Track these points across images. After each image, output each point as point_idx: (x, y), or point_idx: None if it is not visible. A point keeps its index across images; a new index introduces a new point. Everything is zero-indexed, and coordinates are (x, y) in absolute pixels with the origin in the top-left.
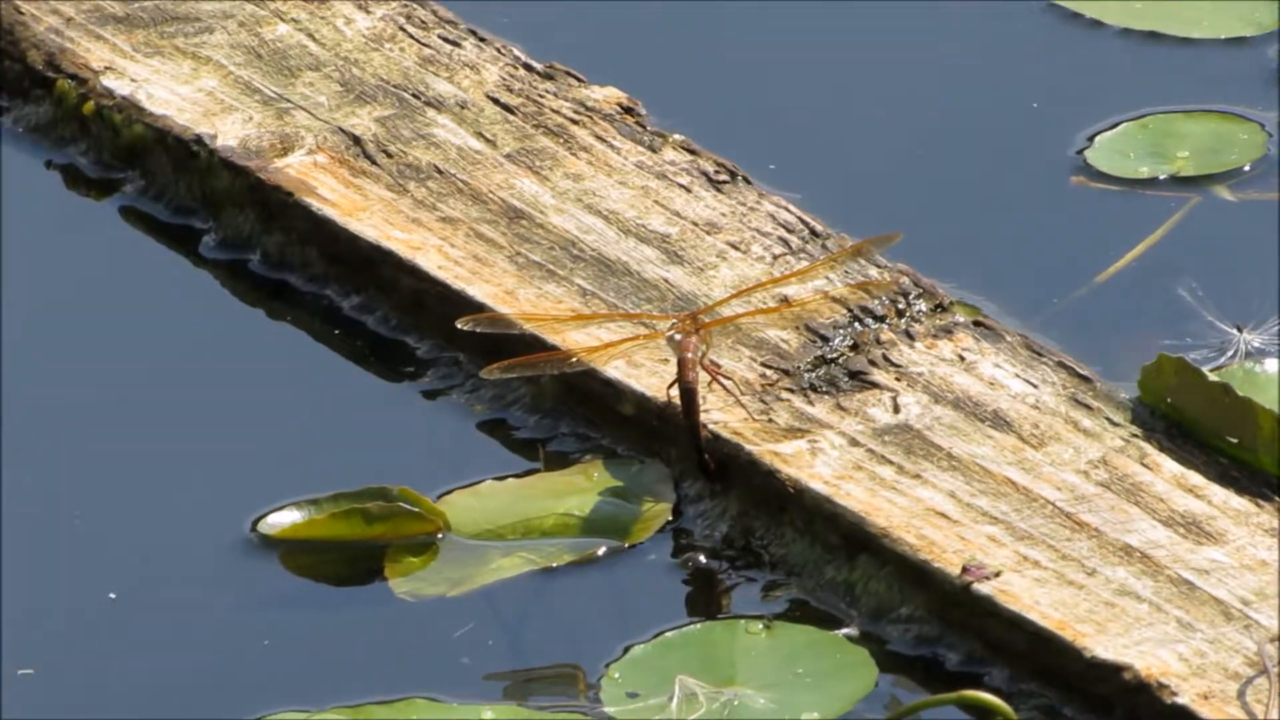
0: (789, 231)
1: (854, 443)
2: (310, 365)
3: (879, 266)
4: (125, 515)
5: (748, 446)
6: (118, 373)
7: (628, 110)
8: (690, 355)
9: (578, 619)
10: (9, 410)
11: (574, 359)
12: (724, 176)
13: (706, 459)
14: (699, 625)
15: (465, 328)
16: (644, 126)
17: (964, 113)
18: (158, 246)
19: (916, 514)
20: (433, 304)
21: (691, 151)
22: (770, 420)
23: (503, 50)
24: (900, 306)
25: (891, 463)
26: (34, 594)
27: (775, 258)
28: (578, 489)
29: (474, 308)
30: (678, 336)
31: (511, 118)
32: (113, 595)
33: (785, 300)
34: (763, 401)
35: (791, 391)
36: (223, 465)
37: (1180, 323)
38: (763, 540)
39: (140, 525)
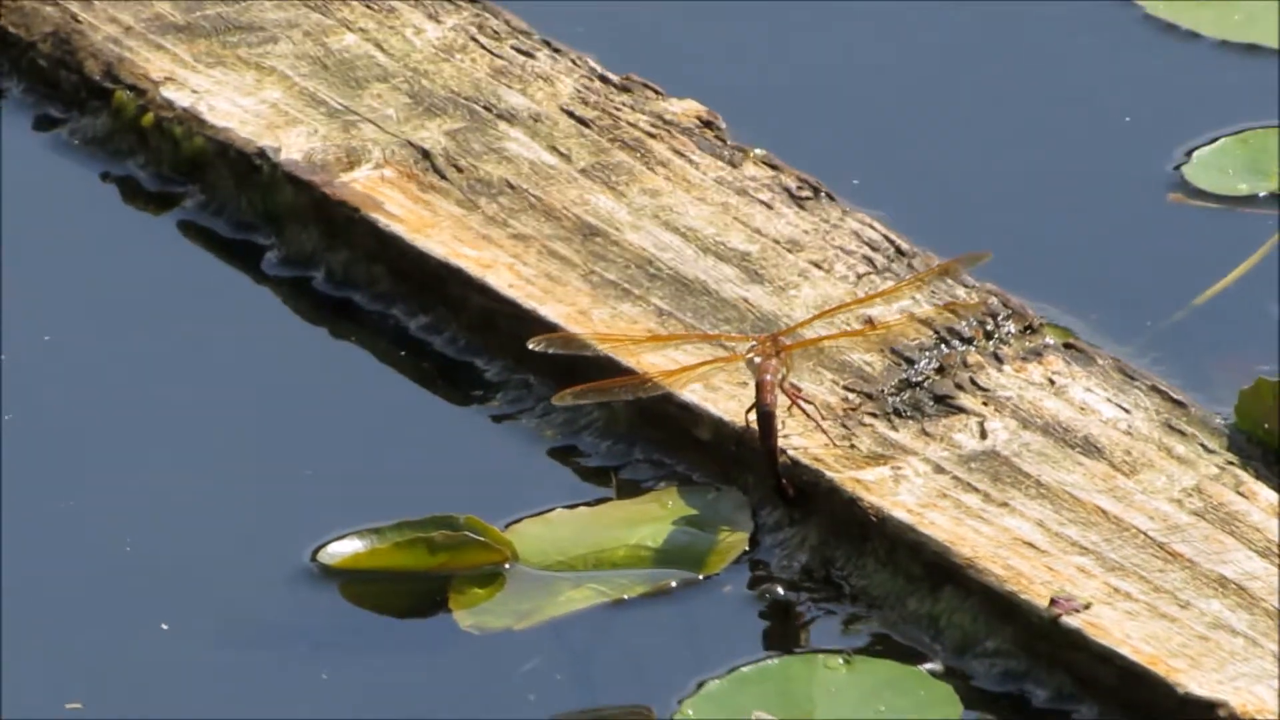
0: (874, 250)
1: (939, 469)
2: (375, 387)
3: (967, 286)
4: (180, 543)
5: (828, 473)
6: (176, 394)
7: (707, 124)
8: (769, 378)
9: (649, 653)
10: (65, 434)
11: (649, 383)
12: (806, 192)
13: (784, 484)
14: (775, 660)
15: (537, 348)
16: (724, 141)
17: (1056, 126)
18: (218, 263)
19: (1003, 544)
20: (503, 324)
21: (773, 167)
22: (852, 446)
23: (578, 62)
24: (988, 328)
25: (978, 490)
26: (83, 625)
27: (859, 277)
28: (651, 518)
29: (546, 328)
30: (757, 359)
31: (586, 131)
32: (165, 626)
33: (869, 322)
34: (844, 427)
35: (875, 416)
36: (282, 492)
37: None
38: (843, 571)
39: (196, 554)
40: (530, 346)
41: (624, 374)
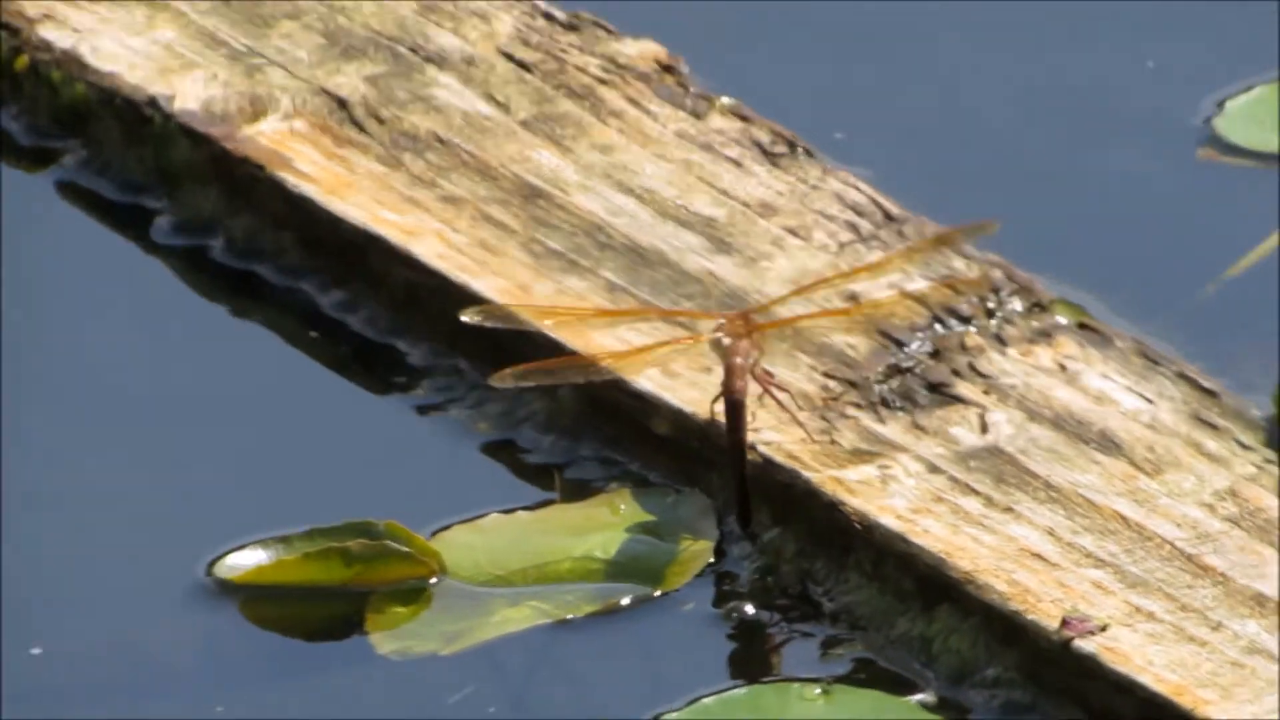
0: (859, 215)
1: (933, 469)
2: (282, 373)
3: (966, 259)
4: (55, 552)
5: (805, 473)
6: (51, 381)
7: (667, 69)
8: (739, 361)
9: (598, 682)
10: None
11: (599, 365)
12: (781, 148)
13: (747, 493)
14: (744, 690)
15: (471, 320)
16: (686, 88)
17: (1068, 75)
18: (102, 229)
19: (1008, 555)
20: (430, 300)
21: (743, 118)
22: (833, 442)
23: None
24: (991, 306)
25: (978, 493)
26: None
27: (842, 247)
28: (601, 524)
29: (480, 304)
30: (725, 340)
31: (528, 77)
32: (36, 650)
33: (854, 299)
34: (824, 419)
35: (859, 407)
36: (175, 494)
37: None
38: (822, 586)
39: (73, 564)
40: (463, 318)
41: (570, 356)
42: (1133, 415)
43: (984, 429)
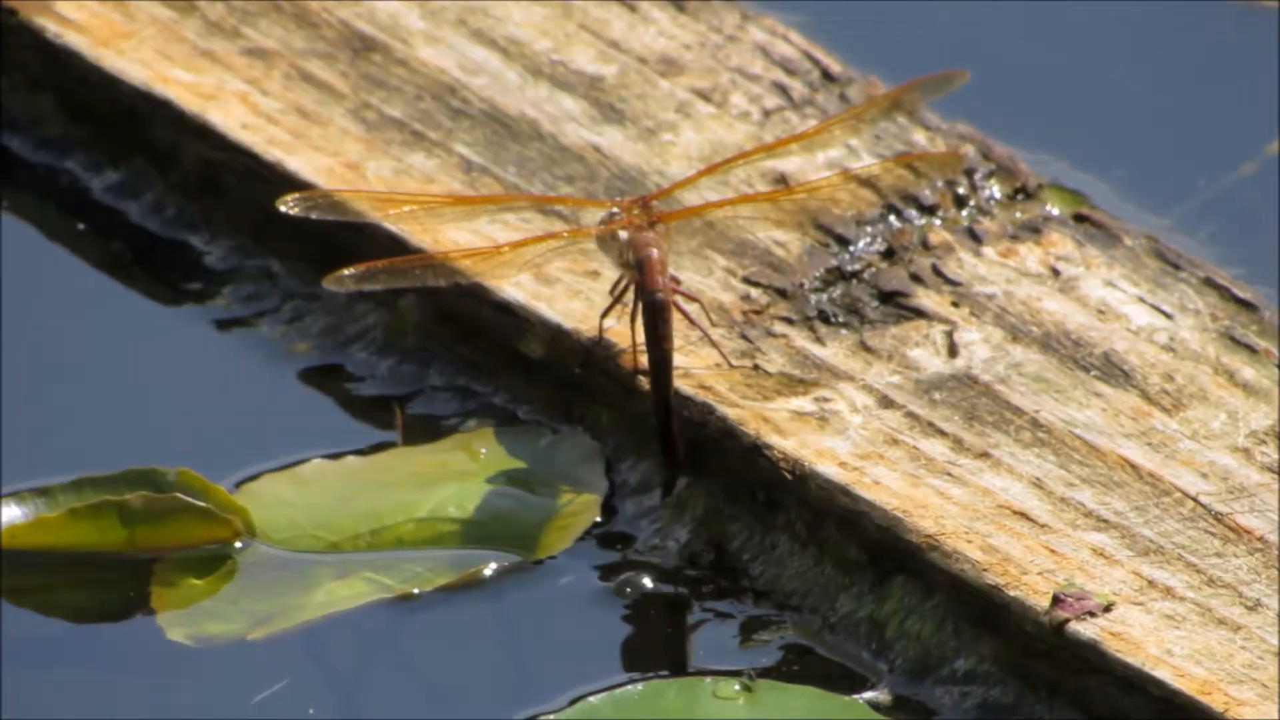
0: (789, 73)
1: (886, 403)
2: (40, 277)
3: (929, 130)
4: None
5: (721, 409)
6: None
7: None
8: (655, 254)
9: (453, 677)
10: None
11: (453, 267)
12: None
13: (677, 434)
14: (640, 685)
15: (289, 210)
16: None
17: None
18: None
19: (983, 514)
20: (233, 184)
21: None
22: (756, 367)
23: None
24: (961, 192)
25: (944, 434)
26: None
27: (767, 114)
28: (455, 473)
29: (297, 188)
30: (622, 234)
31: None
32: None
33: (783, 181)
34: (745, 338)
35: (790, 323)
36: None
37: None
38: (743, 554)
39: None
40: (279, 207)
41: (416, 256)
42: (1146, 334)
43: (952, 351)
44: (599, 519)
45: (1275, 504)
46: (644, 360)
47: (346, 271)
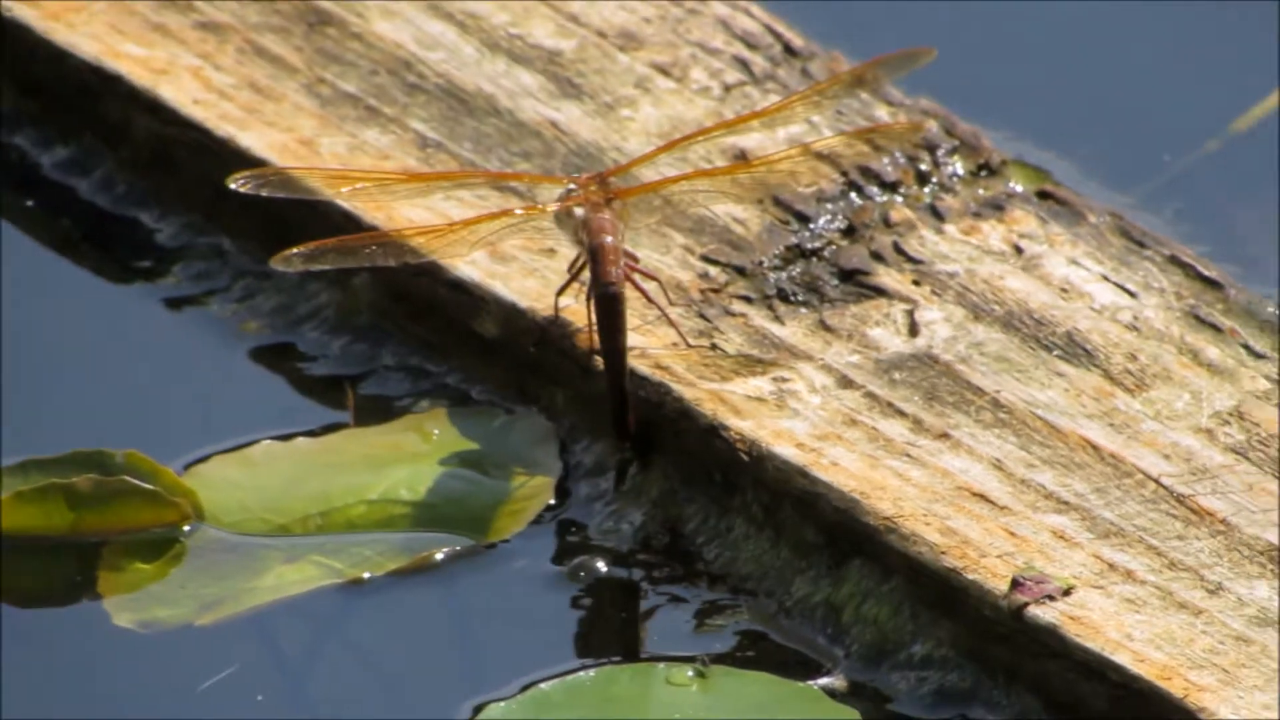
0: (750, 48)
1: (845, 383)
2: None
3: (891, 105)
4: None
5: (677, 388)
6: None
7: None
8: (610, 240)
9: (404, 662)
10: None
11: (408, 245)
12: None
13: (629, 413)
14: (593, 672)
15: (240, 188)
16: None
17: None
18: None
19: (942, 495)
20: (184, 160)
21: None
22: (714, 347)
23: None
24: (924, 168)
25: (904, 414)
26: None
27: (727, 89)
28: (407, 455)
29: (249, 165)
30: (579, 211)
31: None
32: None
33: (742, 157)
34: (703, 317)
35: (749, 302)
36: None
37: None
38: (698, 537)
39: None
40: (230, 186)
41: (370, 234)
42: (1109, 313)
43: (913, 330)
44: (553, 502)
45: (1238, 486)
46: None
47: (295, 250)
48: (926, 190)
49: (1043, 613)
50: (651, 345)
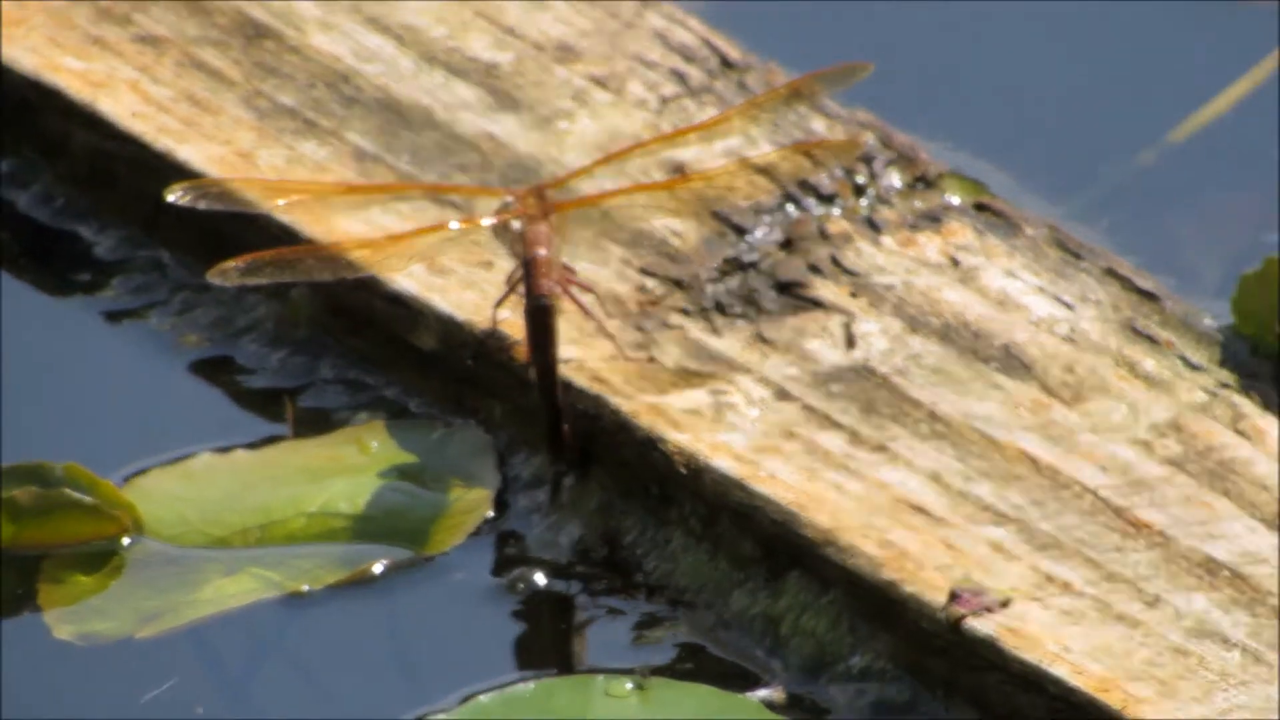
0: (687, 60)
1: (783, 395)
2: None
3: (828, 118)
4: None
5: (614, 400)
6: None
7: None
8: (544, 252)
9: (343, 674)
10: None
11: (345, 258)
12: None
13: (567, 428)
14: (532, 684)
15: (178, 201)
16: None
17: None
18: None
19: (880, 508)
20: (123, 173)
21: None
22: (651, 359)
23: None
24: (860, 181)
25: (841, 427)
26: None
27: (665, 102)
28: (346, 467)
29: (187, 178)
30: (516, 224)
31: None
32: None
33: (680, 170)
34: (640, 329)
35: (686, 314)
36: None
37: None
38: (636, 550)
39: None
40: (169, 199)
41: (307, 246)
42: (1046, 325)
43: (850, 343)
44: (491, 514)
45: (1176, 498)
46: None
47: (231, 264)
48: (863, 202)
49: (981, 625)
50: (589, 358)
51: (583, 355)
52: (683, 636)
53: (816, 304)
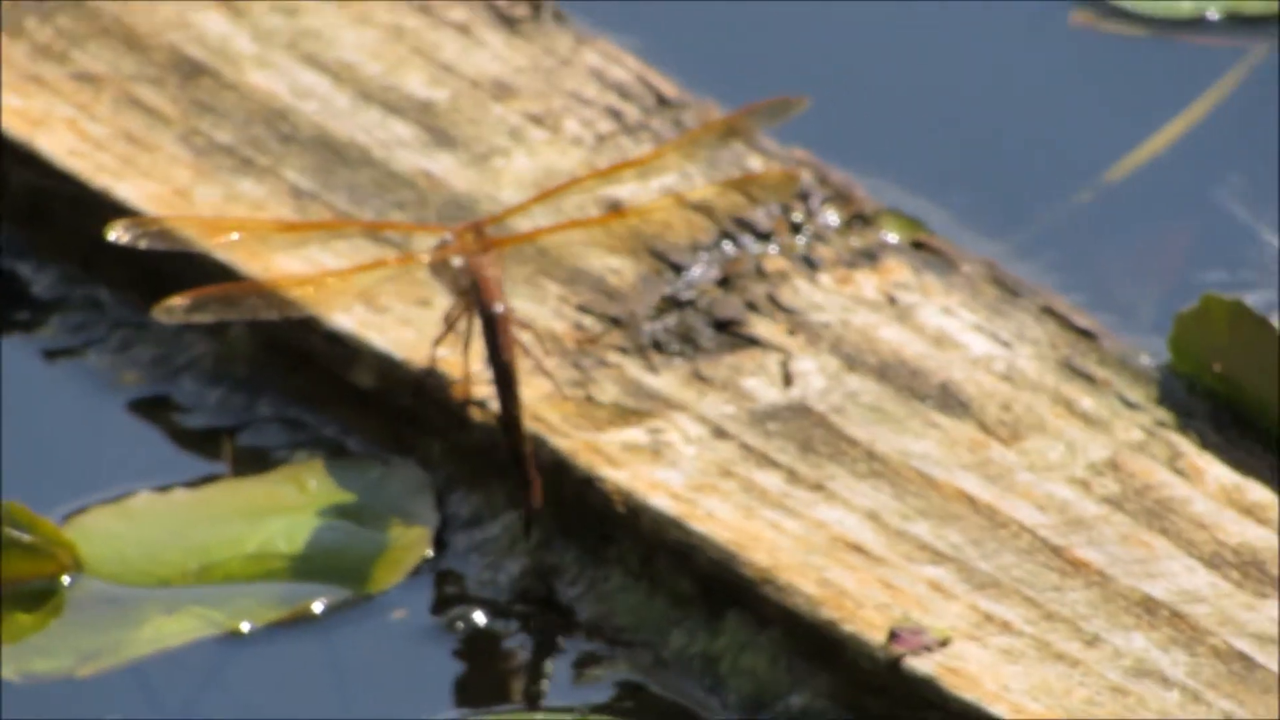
0: (623, 98)
1: (720, 434)
2: None
3: (765, 155)
4: None
5: (552, 440)
6: None
7: None
8: (494, 273)
9: (281, 711)
10: None
11: (282, 296)
12: (521, 10)
13: (535, 476)
14: None
15: (119, 239)
16: None
17: None
18: None
19: (817, 547)
20: (60, 211)
21: None
22: (589, 398)
23: None
24: (797, 218)
25: (779, 465)
26: None
27: (601, 139)
28: (284, 506)
29: (125, 216)
30: (457, 261)
31: None
32: None
33: (616, 207)
34: (577, 367)
35: (624, 352)
36: None
37: (1236, 247)
38: (574, 588)
39: None
40: (109, 237)
41: (244, 284)
42: (983, 363)
43: (787, 381)
44: (430, 553)
45: (1114, 536)
46: (476, 391)
47: (176, 301)
48: (800, 240)
49: (920, 664)
50: (527, 396)
51: (521, 394)
52: (622, 675)
53: (754, 342)
